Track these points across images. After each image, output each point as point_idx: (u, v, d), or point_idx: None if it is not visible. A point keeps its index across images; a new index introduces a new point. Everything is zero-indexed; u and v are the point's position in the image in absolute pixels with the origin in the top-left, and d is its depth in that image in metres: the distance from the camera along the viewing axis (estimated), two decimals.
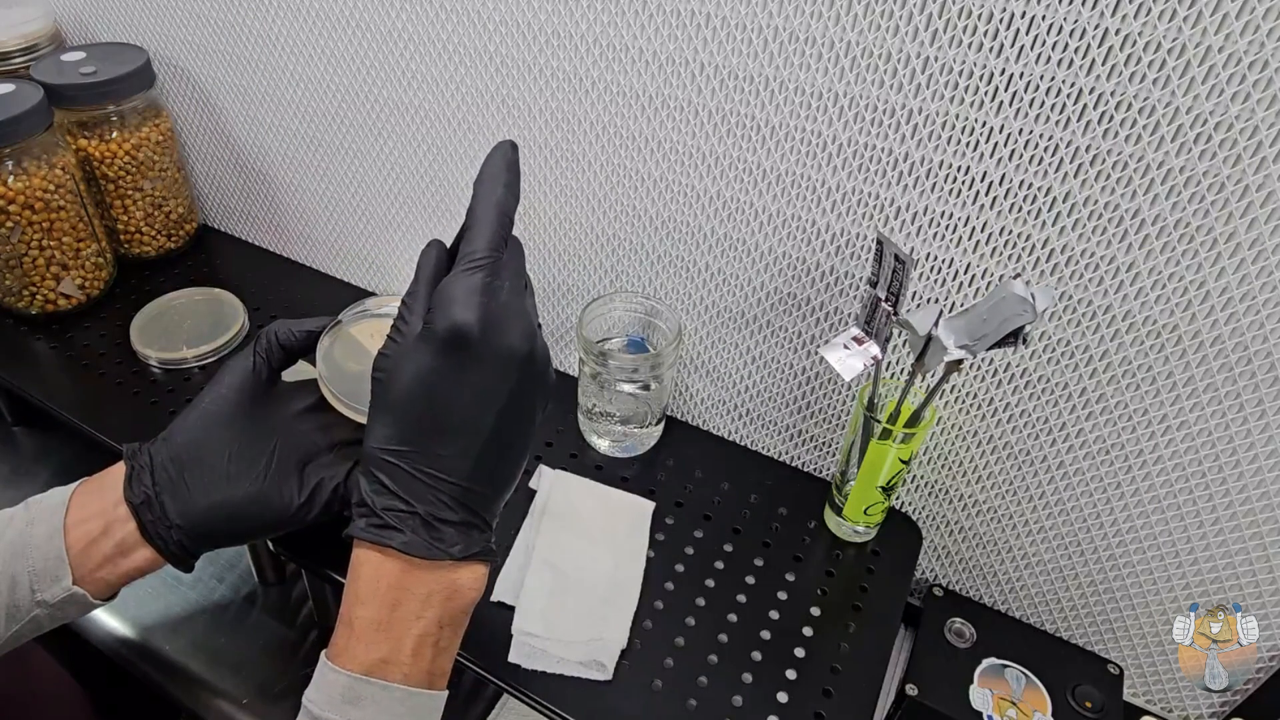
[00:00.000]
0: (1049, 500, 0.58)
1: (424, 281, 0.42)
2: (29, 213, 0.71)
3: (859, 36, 0.48)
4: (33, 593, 0.46)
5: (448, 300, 0.39)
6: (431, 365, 0.39)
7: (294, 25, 0.70)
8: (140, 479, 0.48)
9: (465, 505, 0.41)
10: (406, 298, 0.42)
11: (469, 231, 0.42)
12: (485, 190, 0.43)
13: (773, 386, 0.66)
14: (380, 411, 0.41)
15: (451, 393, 0.40)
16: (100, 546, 0.47)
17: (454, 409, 0.40)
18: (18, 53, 0.79)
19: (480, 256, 0.41)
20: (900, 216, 0.53)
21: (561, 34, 0.57)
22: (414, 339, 0.40)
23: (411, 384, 0.40)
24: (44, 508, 0.48)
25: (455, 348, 0.39)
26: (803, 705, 0.52)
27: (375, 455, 0.41)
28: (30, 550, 0.46)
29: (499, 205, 0.42)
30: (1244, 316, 0.46)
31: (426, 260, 0.44)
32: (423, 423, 0.40)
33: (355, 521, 0.41)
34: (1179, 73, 0.41)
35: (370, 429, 0.41)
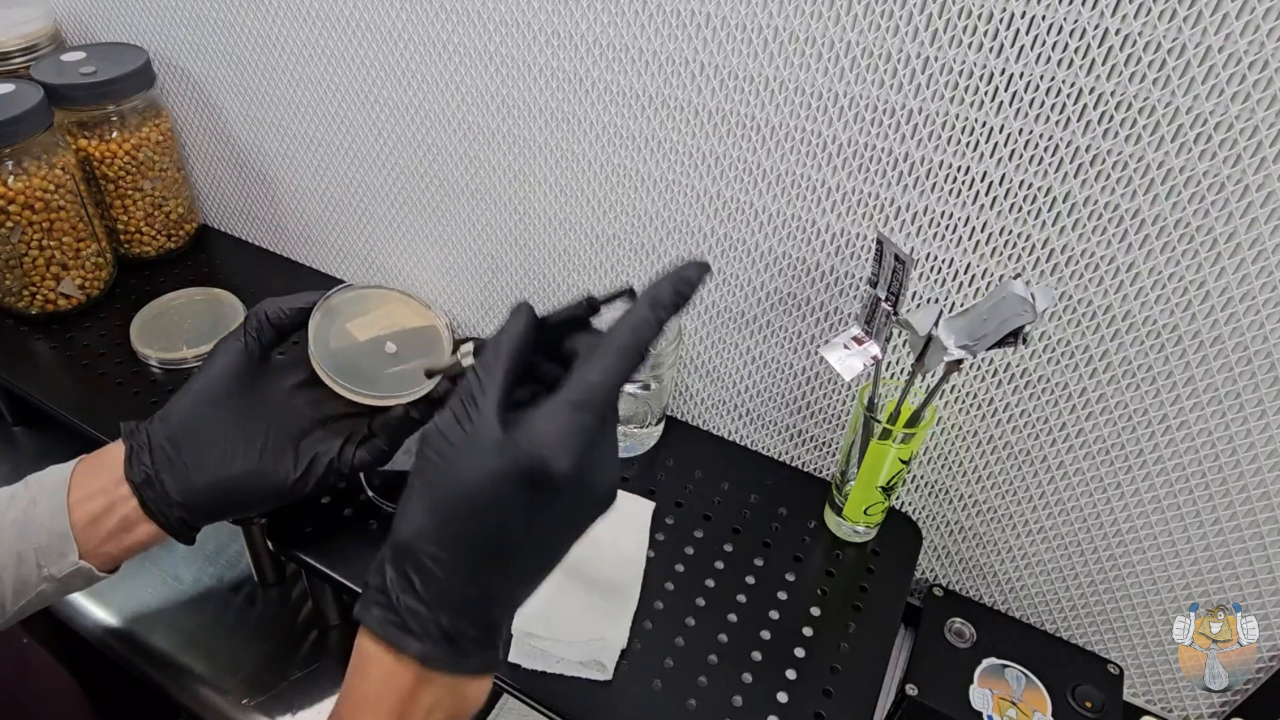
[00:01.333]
0: (1049, 500, 0.58)
1: (505, 356, 0.38)
2: (29, 213, 0.71)
3: (859, 36, 0.48)
4: (39, 568, 0.47)
5: (547, 437, 0.35)
6: (504, 493, 0.35)
7: (294, 25, 0.70)
8: (139, 458, 0.49)
9: (490, 622, 0.39)
10: (481, 370, 0.38)
11: (600, 351, 0.36)
12: (645, 314, 0.37)
13: (773, 386, 0.66)
14: (426, 503, 0.37)
15: (518, 527, 0.36)
16: (104, 523, 0.48)
17: (515, 542, 0.37)
18: (18, 53, 0.79)
19: (599, 397, 0.36)
20: (900, 216, 0.53)
21: (561, 34, 0.57)
22: (488, 442, 0.36)
23: (473, 497, 0.36)
24: (45, 486, 0.49)
25: (538, 487, 0.35)
26: (803, 705, 0.52)
27: (410, 550, 0.37)
28: (35, 528, 0.47)
29: (646, 338, 0.37)
30: (1244, 316, 0.46)
31: (513, 328, 0.39)
32: (476, 540, 0.36)
33: (369, 608, 0.38)
34: (1179, 73, 0.41)
35: (409, 515, 0.37)
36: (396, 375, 0.55)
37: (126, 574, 0.68)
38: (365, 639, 0.38)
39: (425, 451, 0.38)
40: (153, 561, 0.70)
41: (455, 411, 0.37)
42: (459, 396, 0.38)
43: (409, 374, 0.55)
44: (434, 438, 0.37)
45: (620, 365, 0.36)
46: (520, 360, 0.39)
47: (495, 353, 0.39)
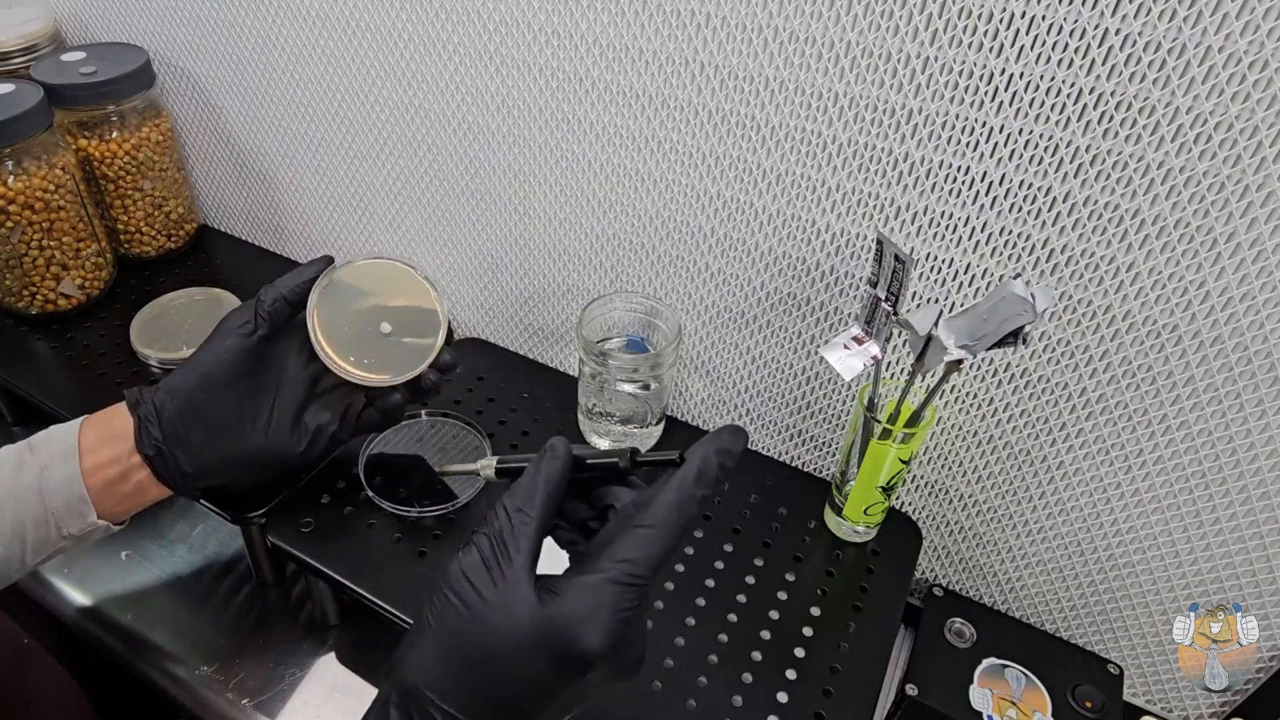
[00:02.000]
0: (1049, 500, 0.58)
1: (540, 505, 0.37)
2: (29, 213, 0.71)
3: (859, 36, 0.48)
4: (58, 528, 0.50)
5: (584, 615, 0.34)
6: (532, 664, 0.34)
7: (294, 25, 0.70)
8: (149, 431, 0.51)
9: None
10: (514, 515, 0.36)
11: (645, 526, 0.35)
12: (692, 492, 0.35)
13: (773, 386, 0.66)
14: (443, 653, 0.35)
15: (541, 696, 0.35)
16: (119, 487, 0.52)
17: (534, 706, 0.35)
18: (18, 53, 0.79)
19: (641, 575, 0.34)
20: (900, 216, 0.53)
21: (561, 34, 0.57)
22: (520, 605, 0.34)
23: (498, 660, 0.34)
24: (54, 453, 0.51)
25: (568, 664, 0.34)
26: (803, 705, 0.52)
27: (421, 702, 0.35)
28: (51, 493, 0.50)
29: (692, 516, 0.36)
30: (1244, 316, 0.46)
31: (550, 472, 0.38)
32: (493, 704, 0.35)
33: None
34: (1179, 73, 0.41)
35: (422, 660, 0.36)
36: (390, 355, 0.56)
37: (127, 573, 0.69)
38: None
39: (448, 594, 0.36)
40: (153, 561, 0.70)
41: (485, 557, 0.36)
42: (489, 539, 0.36)
43: (403, 351, 0.56)
44: (459, 582, 0.36)
45: (665, 543, 0.35)
46: (555, 508, 0.38)
47: (530, 498, 0.37)
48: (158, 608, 0.67)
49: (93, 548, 0.70)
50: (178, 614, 0.66)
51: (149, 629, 0.65)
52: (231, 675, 0.62)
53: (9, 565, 0.50)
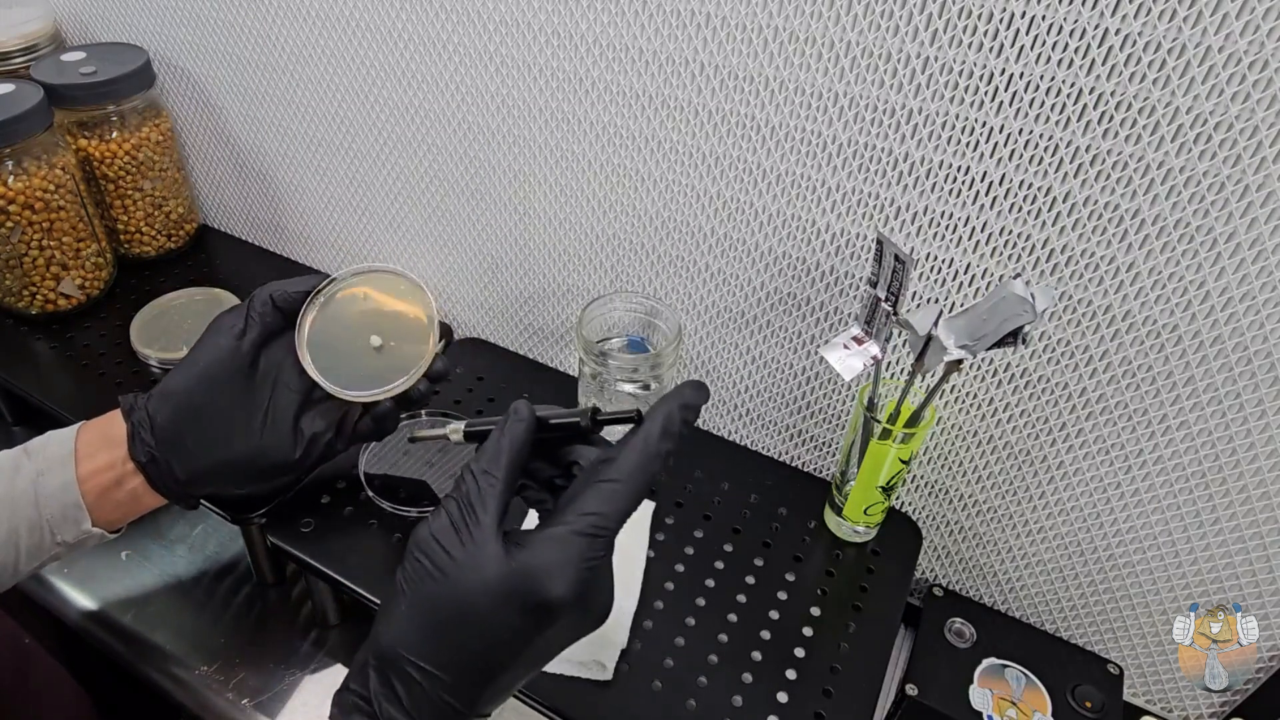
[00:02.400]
0: (1049, 500, 0.58)
1: (505, 467, 0.38)
2: (29, 213, 0.71)
3: (859, 36, 0.48)
4: (53, 535, 0.50)
5: (550, 565, 0.35)
6: (501, 615, 0.35)
7: (294, 25, 0.70)
8: (142, 437, 0.51)
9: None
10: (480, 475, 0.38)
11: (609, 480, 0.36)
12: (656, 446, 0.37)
13: (773, 386, 0.66)
14: (417, 614, 0.36)
15: (512, 646, 0.36)
16: (114, 495, 0.51)
17: (506, 659, 0.37)
18: (18, 53, 0.79)
19: (604, 527, 0.36)
20: (900, 216, 0.53)
21: (561, 34, 0.57)
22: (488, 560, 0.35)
23: (469, 615, 0.36)
24: (50, 458, 0.50)
25: (536, 613, 0.35)
26: (803, 705, 0.52)
27: (398, 662, 0.36)
28: (47, 499, 0.50)
29: (656, 471, 0.37)
30: (1244, 316, 0.46)
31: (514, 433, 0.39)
32: (466, 657, 0.36)
33: (350, 715, 0.37)
34: (1179, 73, 0.41)
35: (396, 622, 0.37)
36: (380, 368, 0.55)
37: (127, 573, 0.69)
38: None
39: (419, 558, 0.37)
40: (153, 561, 0.70)
41: (453, 519, 0.37)
42: (456, 502, 0.37)
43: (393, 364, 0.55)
44: (429, 545, 0.37)
45: (629, 498, 0.36)
46: (520, 468, 0.39)
47: (495, 460, 0.38)
48: (158, 608, 0.67)
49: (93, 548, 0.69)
50: (178, 614, 0.66)
51: (149, 629, 0.65)
52: (231, 675, 0.62)
53: (2, 572, 0.49)
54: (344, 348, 0.54)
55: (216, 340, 0.52)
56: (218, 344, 0.52)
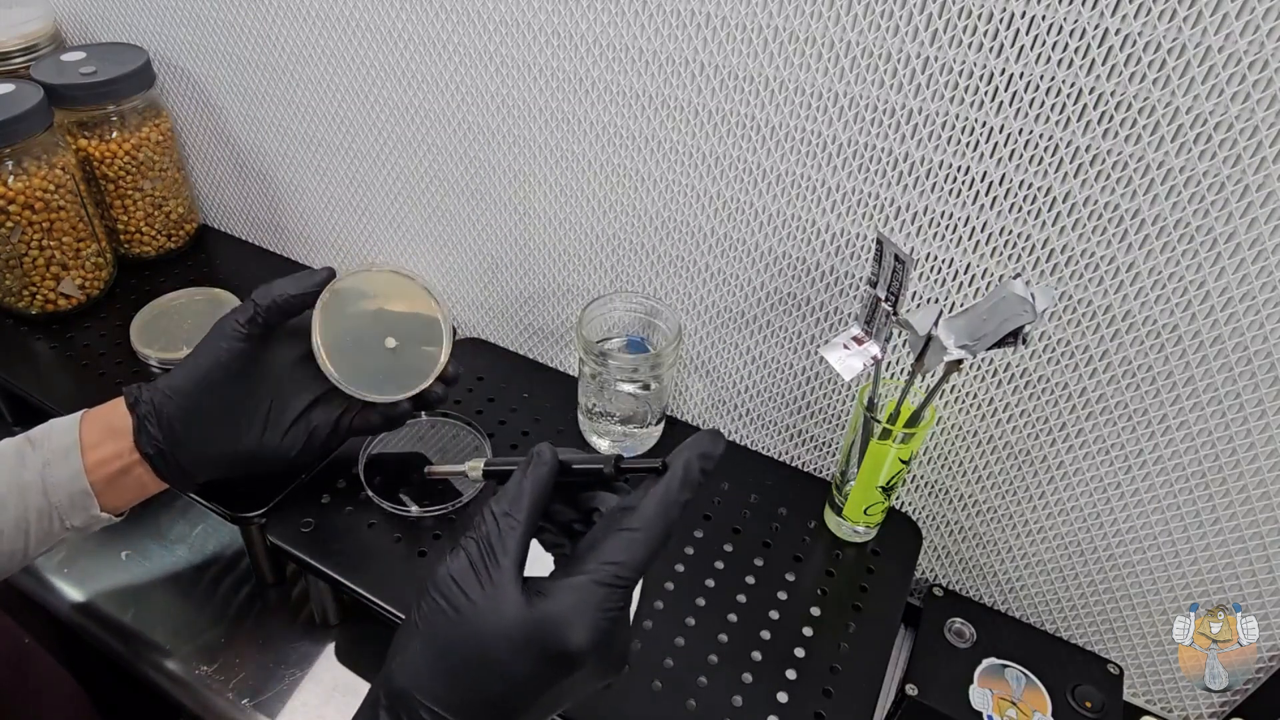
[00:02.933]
0: (1049, 500, 0.58)
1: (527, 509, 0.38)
2: (29, 213, 0.71)
3: (859, 36, 0.48)
4: (61, 521, 0.51)
5: (571, 615, 0.35)
6: (520, 663, 0.35)
7: (294, 25, 0.70)
8: (149, 429, 0.52)
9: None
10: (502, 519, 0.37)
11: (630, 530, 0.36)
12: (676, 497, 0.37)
13: (773, 386, 0.66)
14: (432, 655, 0.36)
15: (529, 694, 0.36)
16: (121, 482, 0.53)
17: (521, 707, 0.36)
18: (18, 53, 0.79)
19: (624, 577, 0.35)
20: (900, 216, 0.53)
21: (561, 34, 0.57)
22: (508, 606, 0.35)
23: (486, 661, 0.35)
24: (55, 448, 0.52)
25: (555, 662, 0.35)
26: (803, 705, 0.52)
27: (411, 705, 0.36)
28: (55, 487, 0.51)
29: (675, 520, 0.37)
30: (1244, 316, 0.46)
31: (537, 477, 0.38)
32: (482, 703, 0.36)
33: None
34: (1179, 73, 0.41)
35: (411, 662, 0.36)
36: (397, 370, 0.56)
37: (127, 573, 0.69)
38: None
39: (436, 598, 0.37)
40: (153, 561, 0.70)
41: (472, 561, 0.36)
42: (476, 543, 0.37)
43: (409, 366, 0.56)
44: (447, 585, 0.36)
45: (650, 546, 0.36)
46: (541, 512, 0.39)
47: (517, 503, 0.38)
48: (158, 607, 0.67)
49: (93, 547, 0.70)
50: (178, 614, 0.66)
51: (149, 629, 0.65)
52: (231, 675, 0.62)
53: (12, 558, 0.51)
54: (359, 349, 0.55)
55: (221, 341, 0.53)
56: (222, 343, 0.53)
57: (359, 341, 0.55)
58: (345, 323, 0.55)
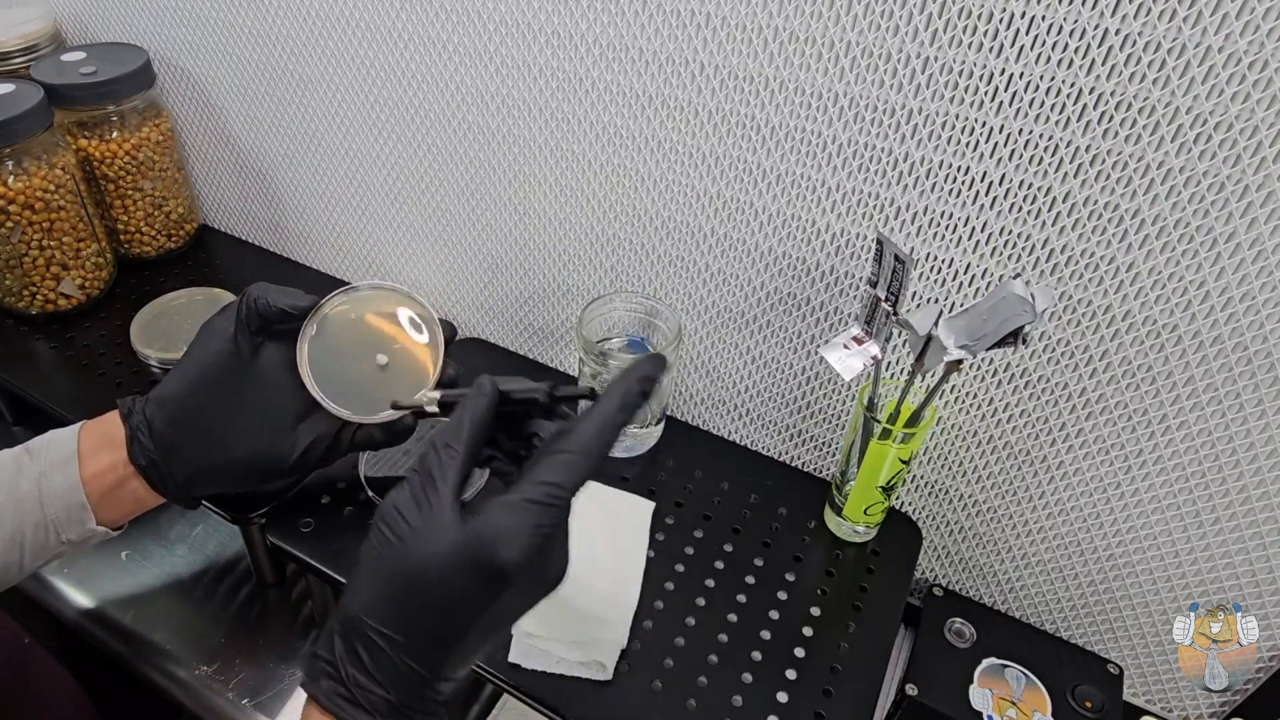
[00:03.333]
0: (1049, 500, 0.58)
1: (466, 440, 0.39)
2: (29, 213, 0.71)
3: (859, 36, 0.48)
4: (57, 534, 0.50)
5: (503, 532, 0.36)
6: (456, 580, 0.36)
7: (294, 25, 0.70)
8: (140, 441, 0.51)
9: (435, 694, 0.39)
10: (443, 449, 0.39)
11: (565, 450, 0.37)
12: (612, 417, 0.38)
13: (773, 386, 0.66)
14: (379, 580, 0.38)
15: (468, 611, 0.37)
16: (116, 495, 0.51)
17: (464, 624, 0.38)
18: (18, 53, 0.79)
19: (558, 496, 0.37)
20: (900, 216, 0.53)
21: (561, 34, 0.57)
22: (444, 528, 0.37)
23: (426, 580, 0.37)
24: (53, 460, 0.51)
25: (489, 579, 0.36)
26: (803, 705, 0.52)
27: (361, 627, 0.37)
28: (51, 500, 0.50)
29: (610, 441, 0.38)
30: (1244, 316, 0.46)
31: (476, 408, 0.40)
32: (425, 622, 0.37)
33: (318, 680, 0.38)
34: (1179, 73, 0.41)
35: (360, 590, 0.38)
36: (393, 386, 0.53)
37: (127, 573, 0.69)
38: (313, 711, 0.39)
39: (381, 528, 0.38)
40: (153, 561, 0.70)
41: (414, 491, 0.38)
42: (419, 475, 0.38)
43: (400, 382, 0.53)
44: (391, 516, 0.38)
45: (583, 468, 0.37)
46: (481, 442, 0.40)
47: (456, 434, 0.39)
48: (158, 608, 0.67)
49: (93, 548, 0.69)
50: (178, 614, 0.66)
51: (149, 629, 0.65)
52: (231, 675, 0.62)
53: (7, 571, 0.50)
54: (351, 373, 0.52)
55: (209, 344, 0.51)
56: (210, 348, 0.51)
57: (350, 366, 0.52)
58: (334, 349, 0.52)
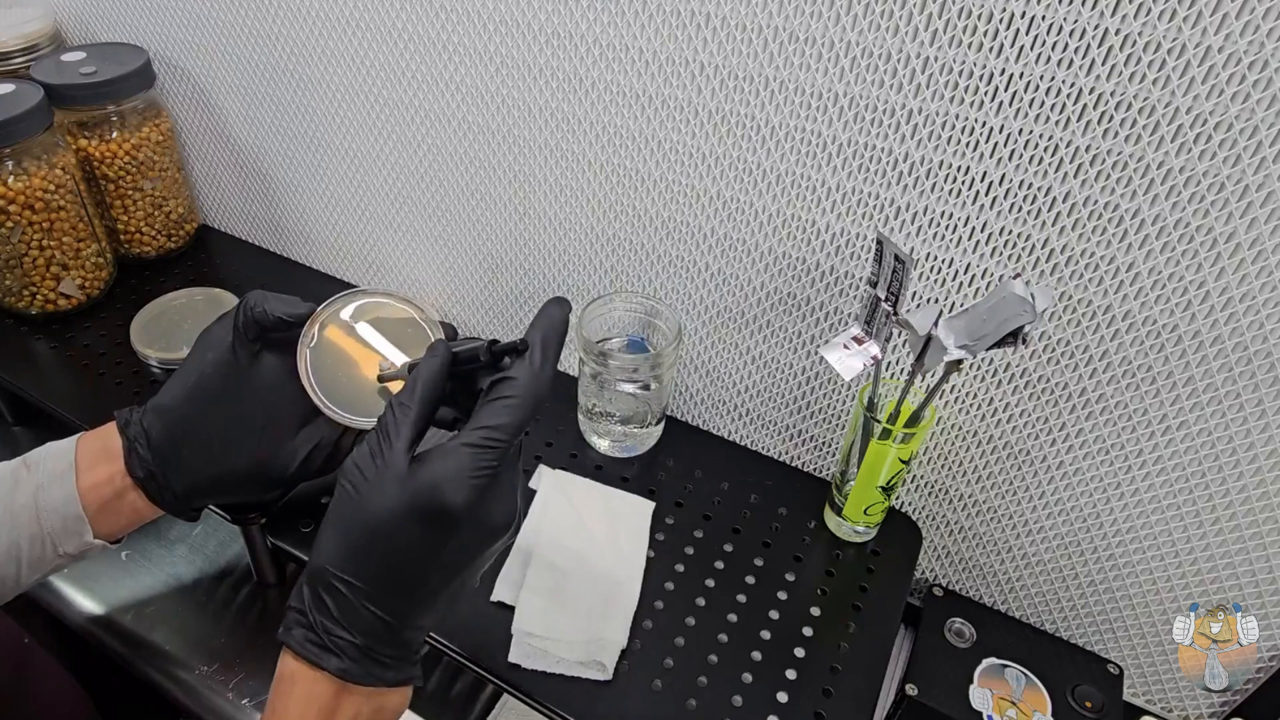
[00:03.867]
0: (1049, 500, 0.58)
1: (419, 399, 0.41)
2: (29, 213, 0.71)
3: (859, 36, 0.48)
4: (55, 547, 0.50)
5: (444, 476, 0.38)
6: (405, 526, 0.38)
7: (294, 25, 0.70)
8: (139, 453, 0.50)
9: (401, 640, 0.41)
10: (398, 407, 0.41)
11: (500, 397, 0.40)
12: (539, 366, 0.40)
13: (773, 386, 0.66)
14: (339, 532, 0.39)
15: (419, 556, 0.39)
16: (114, 507, 0.51)
17: (418, 570, 0.40)
18: (18, 53, 0.79)
19: (498, 439, 0.39)
20: (900, 216, 0.53)
21: (561, 34, 0.57)
22: (394, 479, 0.38)
23: (379, 529, 0.38)
24: (50, 471, 0.50)
25: (435, 522, 0.38)
26: (803, 705, 0.52)
27: (325, 576, 0.39)
28: (48, 512, 0.49)
29: (544, 383, 0.40)
30: (1244, 316, 0.46)
31: (428, 370, 0.42)
32: (382, 569, 0.39)
33: (291, 629, 0.40)
34: (1179, 73, 0.41)
35: (324, 542, 0.40)
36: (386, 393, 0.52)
37: (127, 573, 0.69)
38: (287, 658, 0.41)
39: (342, 483, 0.40)
40: (153, 561, 0.70)
41: (371, 447, 0.40)
42: (376, 432, 0.40)
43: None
44: (350, 471, 0.40)
45: (518, 411, 0.39)
46: (433, 400, 0.42)
47: (410, 394, 0.41)
48: (158, 608, 0.67)
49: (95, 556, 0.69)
50: (178, 614, 0.66)
51: (149, 629, 0.65)
52: (231, 675, 0.62)
53: (3, 585, 0.49)
54: (352, 379, 0.52)
55: (206, 354, 0.50)
56: (208, 358, 0.50)
57: (349, 371, 0.52)
58: (333, 355, 0.51)
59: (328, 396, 0.50)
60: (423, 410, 0.41)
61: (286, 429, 0.52)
